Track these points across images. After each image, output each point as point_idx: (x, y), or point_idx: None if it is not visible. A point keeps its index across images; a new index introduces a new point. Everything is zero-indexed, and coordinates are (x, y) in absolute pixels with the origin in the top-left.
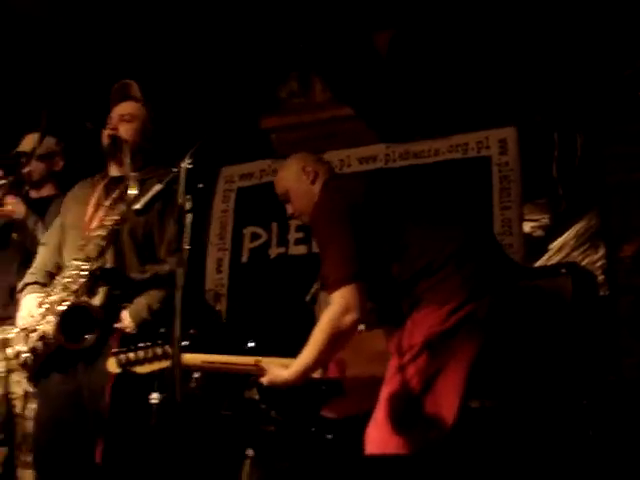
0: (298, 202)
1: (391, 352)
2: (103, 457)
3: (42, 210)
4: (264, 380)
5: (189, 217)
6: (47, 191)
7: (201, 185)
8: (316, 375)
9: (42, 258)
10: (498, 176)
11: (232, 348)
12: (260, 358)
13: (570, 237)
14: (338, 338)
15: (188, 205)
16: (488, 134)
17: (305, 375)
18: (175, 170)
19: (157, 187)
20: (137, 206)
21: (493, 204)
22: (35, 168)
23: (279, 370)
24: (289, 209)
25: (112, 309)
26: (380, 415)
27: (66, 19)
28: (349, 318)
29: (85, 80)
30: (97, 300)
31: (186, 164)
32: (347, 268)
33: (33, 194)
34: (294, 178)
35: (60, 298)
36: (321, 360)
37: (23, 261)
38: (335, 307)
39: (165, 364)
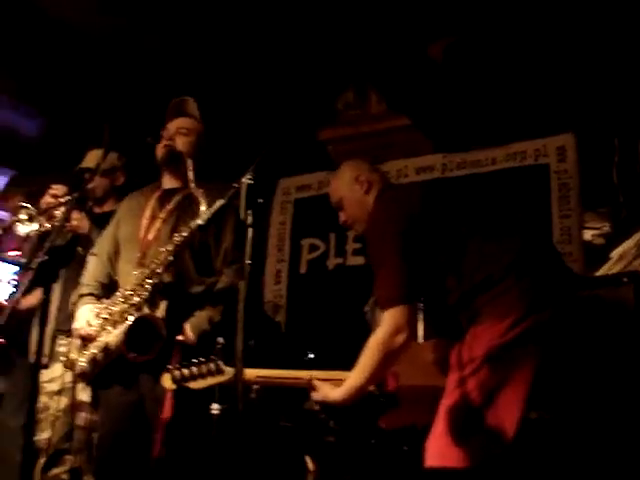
0: (351, 210)
1: (451, 365)
2: (164, 467)
3: (105, 225)
4: (315, 397)
5: (250, 232)
6: (109, 206)
7: (261, 200)
8: (372, 387)
9: (93, 269)
10: (557, 184)
11: (291, 360)
12: (315, 373)
13: (631, 245)
14: (388, 358)
15: (249, 220)
16: (546, 142)
17: (355, 396)
18: (236, 185)
19: (219, 203)
20: (199, 222)
21: (552, 212)
22: (98, 184)
23: (330, 390)
24: (342, 217)
25: (173, 322)
26: (440, 428)
27: (127, 37)
28: (399, 339)
29: (144, 96)
30: (158, 313)
31: (247, 179)
32: (399, 288)
33: (96, 209)
34: (347, 187)
35: (121, 310)
36: (371, 381)
37: None
38: (385, 328)
39: (219, 379)
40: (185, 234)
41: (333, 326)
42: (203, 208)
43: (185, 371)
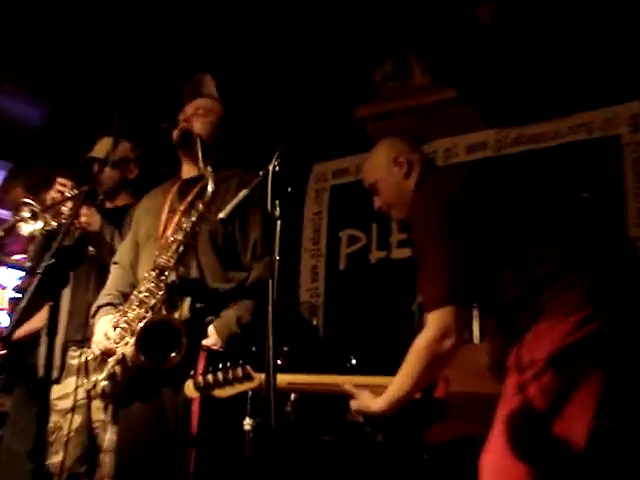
0: (387, 195)
1: (508, 368)
2: None
3: (118, 221)
4: (353, 407)
5: (278, 225)
6: (122, 200)
7: (290, 189)
8: (417, 395)
9: (115, 278)
10: (631, 158)
11: (331, 367)
12: (355, 379)
13: None
14: (433, 365)
15: (277, 212)
16: (616, 110)
17: (397, 407)
18: (261, 173)
19: (243, 193)
20: (222, 215)
21: (625, 191)
22: (109, 176)
23: (370, 398)
24: (376, 202)
25: (197, 324)
26: (498, 440)
27: (137, 13)
28: (447, 344)
29: (160, 78)
30: (179, 315)
31: (273, 166)
32: (446, 287)
33: (107, 204)
34: (384, 169)
35: (137, 315)
36: (415, 389)
37: (101, 277)
38: (431, 331)
39: (248, 386)
40: (194, 219)
41: (377, 328)
42: (210, 188)
43: (209, 378)
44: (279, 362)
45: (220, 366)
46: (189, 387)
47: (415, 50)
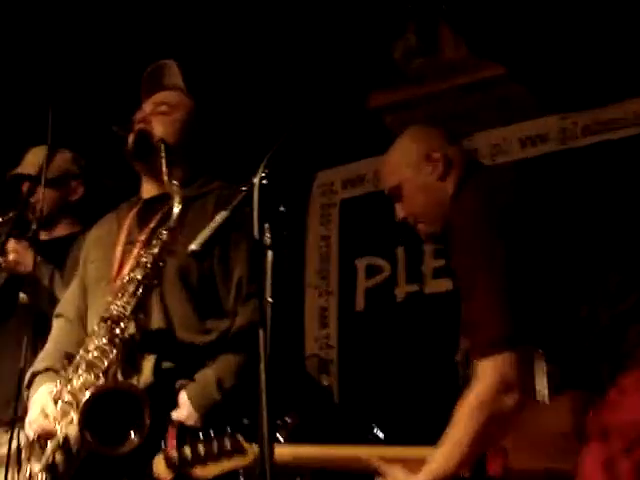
0: (415, 202)
1: (587, 436)
2: None
3: (58, 257)
4: None
5: (270, 256)
6: (63, 230)
7: (283, 208)
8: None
9: (57, 335)
10: None
11: (349, 439)
12: (382, 451)
13: None
14: (490, 429)
15: (267, 239)
16: None
17: None
18: (244, 189)
19: (220, 216)
20: (193, 247)
21: None
22: (44, 197)
23: (404, 476)
24: (399, 211)
25: (164, 391)
26: None
27: None
28: (507, 400)
29: (107, 66)
30: (140, 379)
31: (260, 178)
32: (503, 326)
33: (43, 236)
34: (412, 167)
35: (85, 383)
36: (465, 461)
37: (37, 333)
38: (486, 384)
39: (240, 463)
40: (156, 250)
41: (408, 386)
42: (176, 210)
43: (187, 451)
44: (280, 437)
45: (201, 436)
46: (159, 465)
47: (446, 15)
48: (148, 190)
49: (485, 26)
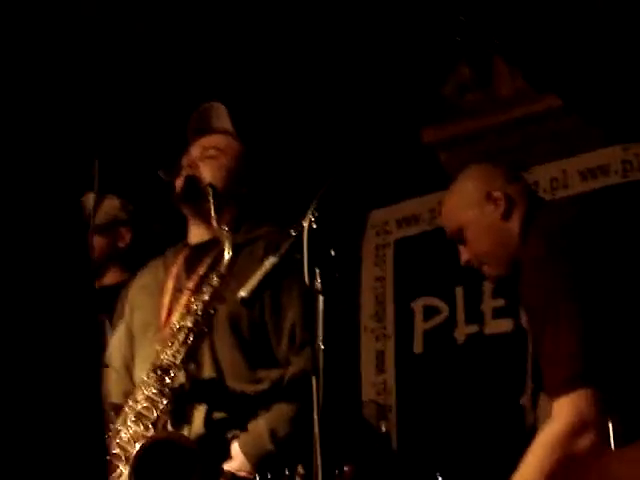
0: (480, 245)
1: None
2: None
3: (107, 306)
4: None
5: (321, 301)
6: (111, 278)
7: (333, 252)
8: None
9: (105, 386)
10: None
11: None
12: None
13: None
14: (565, 470)
15: (318, 284)
16: None
17: None
18: (294, 233)
19: (269, 262)
20: (243, 294)
21: None
22: (92, 245)
23: None
24: (463, 254)
25: (216, 442)
26: None
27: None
28: (584, 441)
29: (154, 110)
30: (191, 430)
31: (309, 221)
32: (580, 364)
33: None
34: (474, 209)
35: (134, 435)
36: None
37: None
38: (562, 422)
39: None
40: (207, 297)
41: (471, 432)
42: (227, 256)
43: None
44: None
45: None
46: None
47: (500, 48)
48: (196, 235)
49: (541, 57)
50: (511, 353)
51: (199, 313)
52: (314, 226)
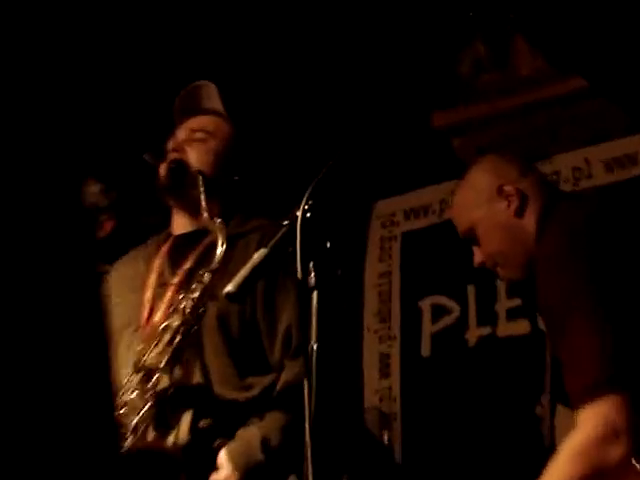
0: (493, 245)
1: None
2: None
3: None
4: None
5: (315, 297)
6: None
7: (328, 245)
8: None
9: None
10: None
11: None
12: None
13: None
14: None
15: (312, 279)
16: None
17: None
18: (286, 222)
19: (258, 255)
20: (229, 288)
21: None
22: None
23: None
24: (477, 255)
25: (202, 451)
26: None
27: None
28: (615, 451)
29: (139, 87)
30: (175, 438)
31: (303, 210)
32: (606, 366)
33: None
34: (484, 206)
35: None
36: None
37: None
38: (589, 432)
39: None
40: (197, 294)
41: (481, 444)
42: (220, 250)
43: None
44: None
45: None
46: None
47: (517, 24)
48: (180, 225)
49: (564, 35)
50: (527, 358)
51: (187, 312)
52: (308, 215)
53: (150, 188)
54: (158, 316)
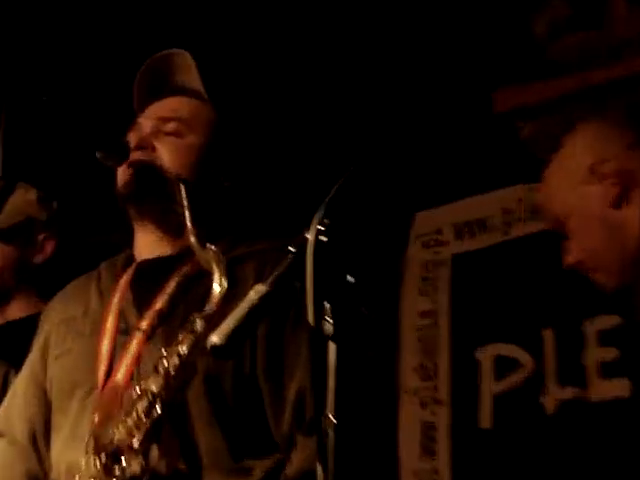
0: (585, 240)
1: None
2: None
3: (12, 349)
4: None
5: (332, 349)
6: (19, 309)
7: (351, 279)
8: None
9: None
10: None
11: None
12: None
13: None
14: None
15: (329, 326)
16: None
17: None
18: (293, 250)
19: (255, 293)
20: (215, 339)
21: None
22: None
23: None
24: (567, 254)
25: None
26: None
27: None
28: None
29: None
30: None
31: (316, 232)
32: None
33: None
34: (575, 189)
35: None
36: None
37: None
38: None
39: None
40: (185, 348)
41: None
42: (217, 289)
43: None
44: None
45: None
46: None
47: None
48: (146, 247)
49: None
50: (627, 428)
51: (172, 373)
52: (323, 239)
53: (104, 197)
54: (121, 373)
